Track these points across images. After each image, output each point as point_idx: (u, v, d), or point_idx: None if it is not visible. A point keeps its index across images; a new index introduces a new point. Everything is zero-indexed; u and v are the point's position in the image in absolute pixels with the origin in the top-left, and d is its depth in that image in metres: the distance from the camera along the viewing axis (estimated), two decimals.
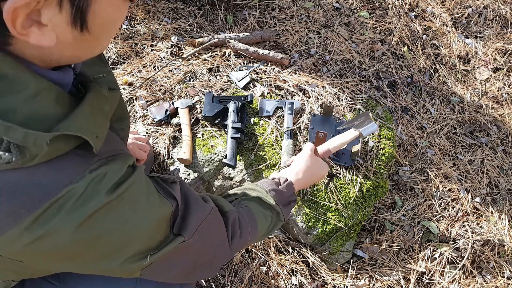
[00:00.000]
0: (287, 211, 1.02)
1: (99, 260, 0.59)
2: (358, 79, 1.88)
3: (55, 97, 0.51)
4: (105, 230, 0.55)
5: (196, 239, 0.68)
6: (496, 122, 2.03)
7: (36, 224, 0.49)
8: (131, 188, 0.56)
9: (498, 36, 2.32)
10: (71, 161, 0.52)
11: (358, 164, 1.53)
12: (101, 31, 0.52)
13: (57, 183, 0.50)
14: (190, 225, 0.67)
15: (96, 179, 0.52)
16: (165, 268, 0.69)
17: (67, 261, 0.58)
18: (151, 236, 0.62)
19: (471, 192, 1.75)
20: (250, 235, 0.88)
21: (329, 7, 2.15)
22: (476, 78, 2.19)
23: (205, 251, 0.75)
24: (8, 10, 0.41)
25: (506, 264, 1.59)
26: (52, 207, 0.50)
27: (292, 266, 1.47)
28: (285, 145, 1.43)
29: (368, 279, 1.50)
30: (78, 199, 0.51)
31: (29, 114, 0.47)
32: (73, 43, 0.51)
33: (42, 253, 0.53)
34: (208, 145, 1.47)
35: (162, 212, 0.63)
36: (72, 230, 0.51)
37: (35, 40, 0.46)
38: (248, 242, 0.89)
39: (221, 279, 1.41)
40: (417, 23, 2.23)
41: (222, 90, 1.64)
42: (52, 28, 0.46)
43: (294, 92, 1.65)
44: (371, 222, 1.67)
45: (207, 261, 0.78)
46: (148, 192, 0.61)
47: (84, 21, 0.49)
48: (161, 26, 1.96)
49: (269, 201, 0.96)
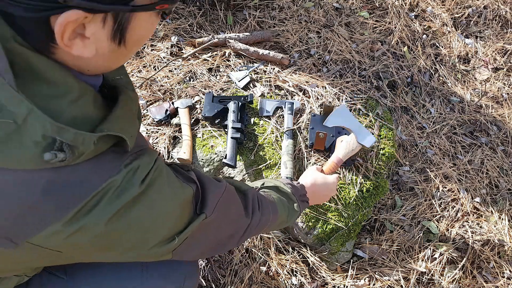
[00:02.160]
0: (302, 205, 1.07)
1: (135, 245, 0.64)
2: (358, 79, 1.88)
3: (93, 100, 0.56)
4: (138, 217, 0.59)
5: (216, 216, 0.73)
6: (496, 122, 2.03)
7: (79, 216, 0.54)
8: (157, 178, 0.61)
9: (498, 36, 2.32)
10: (109, 157, 0.57)
11: (358, 164, 1.53)
12: (134, 44, 0.57)
13: (100, 178, 0.55)
14: (210, 203, 0.72)
15: (131, 172, 0.57)
16: (193, 246, 0.74)
17: (103, 251, 0.62)
18: (178, 219, 0.67)
19: (471, 192, 1.75)
20: (271, 216, 0.93)
21: (329, 7, 2.15)
22: (476, 78, 2.19)
23: (225, 226, 0.80)
24: (60, 23, 0.46)
25: (506, 264, 1.59)
26: (94, 199, 0.54)
27: (292, 266, 1.47)
28: (285, 145, 1.43)
29: (368, 279, 1.50)
30: (115, 190, 0.55)
31: (73, 116, 0.51)
32: (108, 55, 0.55)
33: (82, 244, 0.57)
34: (208, 145, 1.47)
35: (184, 196, 0.67)
36: (109, 219, 0.56)
37: (77, 51, 0.50)
38: (270, 222, 0.94)
39: (221, 279, 1.41)
40: (417, 23, 2.23)
41: (222, 90, 1.64)
42: (94, 41, 0.51)
43: (294, 92, 1.65)
44: (371, 222, 1.67)
45: (228, 236, 0.83)
46: (169, 179, 0.65)
47: (123, 36, 0.54)
48: (161, 26, 1.96)
49: (286, 190, 1.04)
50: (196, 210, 0.70)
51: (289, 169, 1.37)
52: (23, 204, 0.51)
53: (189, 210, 0.69)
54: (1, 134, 0.47)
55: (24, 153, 0.48)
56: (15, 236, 0.53)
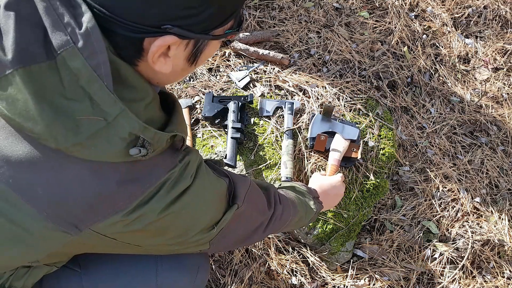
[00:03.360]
0: (317, 205, 1.13)
1: (180, 232, 0.70)
2: (358, 79, 1.88)
3: (159, 104, 0.64)
4: (186, 206, 0.66)
5: (246, 206, 0.79)
6: (496, 122, 2.03)
7: (140, 204, 0.60)
8: (200, 172, 0.69)
9: (498, 36, 2.32)
10: (168, 153, 0.64)
11: (358, 164, 1.53)
12: (200, 64, 0.67)
13: (164, 170, 0.62)
14: (240, 195, 0.78)
15: (184, 166, 0.64)
16: (227, 237, 0.80)
17: (156, 236, 0.68)
18: (216, 209, 0.74)
19: (471, 192, 1.75)
20: (292, 210, 0.99)
21: (329, 7, 2.15)
22: (476, 78, 2.19)
23: (253, 216, 0.86)
24: (159, 45, 0.54)
25: (506, 264, 1.59)
26: (154, 189, 0.60)
27: (292, 266, 1.47)
28: (285, 145, 1.43)
29: (368, 279, 1.50)
30: (171, 181, 0.62)
31: (147, 118, 0.58)
32: (179, 72, 0.65)
33: (136, 230, 0.63)
34: (208, 145, 1.47)
35: (221, 188, 0.75)
36: (165, 207, 0.62)
37: (158, 68, 0.58)
38: (291, 217, 0.99)
39: (221, 279, 1.41)
40: (417, 23, 2.23)
41: (222, 90, 1.64)
42: (173, 60, 0.59)
43: (294, 92, 1.65)
44: (371, 222, 1.67)
45: (256, 226, 0.89)
46: (208, 172, 0.72)
47: (197, 58, 0.63)
48: None
49: (302, 189, 1.11)
50: (229, 201, 0.77)
51: (289, 169, 1.37)
52: (98, 194, 0.57)
53: (225, 202, 0.75)
54: (92, 130, 0.52)
55: (111, 147, 0.54)
56: (81, 222, 0.58)
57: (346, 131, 1.49)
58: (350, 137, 1.48)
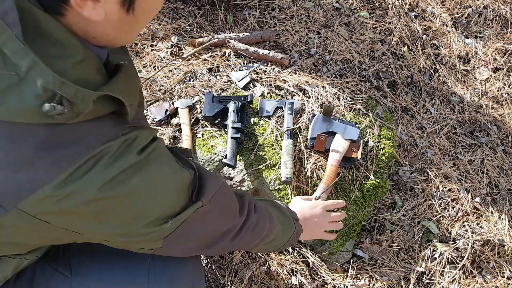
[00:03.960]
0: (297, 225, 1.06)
1: (125, 221, 0.62)
2: (358, 79, 1.88)
3: (96, 67, 0.57)
4: (132, 188, 0.59)
5: (212, 206, 0.73)
6: (496, 122, 2.03)
7: (72, 178, 0.53)
8: (156, 151, 0.62)
9: (498, 36, 2.32)
10: (107, 123, 0.58)
11: (358, 164, 1.53)
12: (142, 16, 0.59)
13: (97, 140, 0.55)
14: (207, 192, 0.71)
15: (128, 141, 0.58)
16: (186, 237, 0.73)
17: (94, 221, 0.60)
18: (173, 201, 0.66)
19: (471, 192, 1.75)
20: (268, 223, 0.93)
21: (329, 7, 2.15)
22: (476, 78, 2.19)
23: (220, 220, 0.79)
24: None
25: (506, 264, 1.59)
26: (90, 162, 0.54)
27: (292, 266, 1.47)
28: (285, 145, 1.43)
29: (368, 279, 1.50)
30: (111, 156, 0.55)
31: (76, 77, 0.52)
32: (116, 23, 0.57)
33: (71, 210, 0.56)
34: (208, 145, 1.47)
35: (182, 179, 0.67)
36: (102, 186, 0.55)
37: (87, 13, 0.52)
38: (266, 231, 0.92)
39: (221, 279, 1.41)
40: (417, 23, 2.23)
41: (222, 90, 1.64)
42: (104, 5, 0.52)
43: (294, 92, 1.65)
44: (371, 222, 1.67)
45: (223, 232, 0.82)
46: (169, 159, 0.66)
47: (132, 3, 0.55)
48: (161, 26, 1.96)
49: (281, 205, 1.05)
50: (192, 197, 0.70)
51: (289, 169, 1.37)
52: (16, 161, 0.51)
53: (185, 195, 0.68)
54: (2, 86, 0.48)
55: (23, 105, 0.48)
56: (4, 199, 0.53)
57: (346, 131, 1.50)
58: (350, 137, 1.48)
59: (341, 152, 1.43)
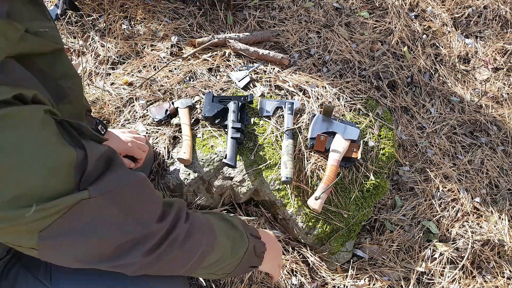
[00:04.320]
0: (253, 240, 0.90)
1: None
2: (358, 79, 1.88)
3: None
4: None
5: (109, 202, 0.61)
6: (496, 122, 2.03)
7: None
8: (21, 116, 0.52)
9: (498, 36, 2.32)
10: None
11: (358, 164, 1.53)
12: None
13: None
14: (103, 183, 0.60)
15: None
16: (72, 237, 0.59)
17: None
18: (41, 181, 0.54)
19: (471, 192, 1.75)
20: (205, 238, 0.77)
21: (329, 7, 2.15)
22: (476, 78, 2.19)
23: (126, 223, 0.64)
24: None
25: (506, 264, 1.59)
26: None
27: (292, 266, 1.47)
28: (285, 145, 1.43)
29: (368, 279, 1.50)
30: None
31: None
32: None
33: None
34: (208, 145, 1.47)
35: (62, 156, 0.56)
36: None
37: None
38: (204, 247, 0.77)
39: (221, 279, 1.42)
40: (417, 23, 2.23)
41: (222, 90, 1.64)
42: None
43: (294, 92, 1.65)
44: (371, 222, 1.67)
45: (131, 239, 0.66)
46: (42, 130, 0.54)
47: None
48: (161, 26, 1.96)
49: (230, 218, 0.89)
50: (79, 184, 0.58)
51: (289, 169, 1.37)
52: None
53: (64, 179, 0.57)
54: None
55: None
56: None
57: (346, 131, 1.50)
58: (350, 137, 1.48)
59: (341, 152, 1.43)
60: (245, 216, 1.48)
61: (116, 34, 1.91)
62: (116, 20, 1.95)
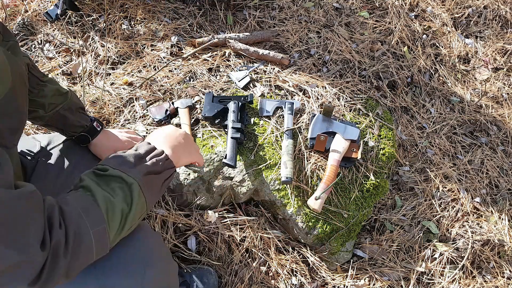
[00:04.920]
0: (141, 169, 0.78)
1: None
2: (358, 79, 1.88)
3: None
4: None
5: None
6: (496, 122, 2.03)
7: None
8: None
9: (498, 36, 2.32)
10: None
11: (358, 164, 1.53)
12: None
13: None
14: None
15: None
16: None
17: None
18: None
19: (471, 192, 1.75)
20: (87, 221, 0.67)
21: (329, 7, 2.15)
22: (476, 78, 2.19)
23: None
24: None
25: (506, 264, 1.59)
26: None
27: (292, 266, 1.47)
28: (285, 145, 1.43)
29: (368, 279, 1.50)
30: None
31: None
32: None
33: None
34: (208, 145, 1.47)
35: None
36: None
37: None
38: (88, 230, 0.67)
39: (221, 279, 1.42)
40: (417, 23, 2.23)
41: (222, 90, 1.64)
42: None
43: (294, 92, 1.65)
44: (371, 222, 1.67)
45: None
46: None
47: None
48: (161, 26, 1.96)
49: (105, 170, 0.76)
50: None
51: (289, 169, 1.37)
52: None
53: None
54: None
55: None
56: None
57: (346, 131, 1.50)
58: (350, 137, 1.48)
59: (341, 152, 1.43)
60: (245, 216, 1.48)
61: (116, 34, 1.91)
62: (116, 20, 1.95)
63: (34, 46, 1.84)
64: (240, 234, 1.43)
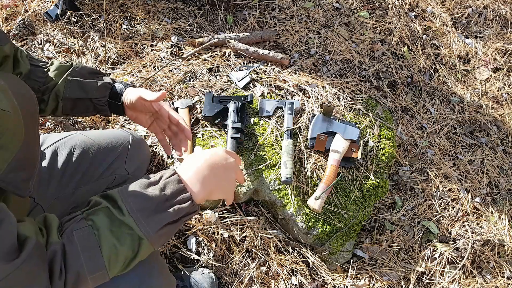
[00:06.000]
0: (159, 220, 0.72)
1: None
2: (358, 79, 1.88)
3: None
4: None
5: None
6: (496, 122, 2.03)
7: None
8: None
9: (498, 36, 2.32)
10: None
11: (358, 164, 1.53)
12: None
13: None
14: None
15: None
16: None
17: None
18: None
19: (471, 192, 1.75)
20: (85, 267, 0.67)
21: (329, 7, 2.15)
22: (476, 78, 2.19)
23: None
24: None
25: (506, 264, 1.59)
26: None
27: (292, 266, 1.47)
28: (285, 145, 1.43)
29: (368, 279, 1.50)
30: None
31: None
32: None
33: None
34: (208, 145, 1.47)
35: None
36: None
37: None
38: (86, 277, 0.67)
39: (221, 279, 1.42)
40: (417, 23, 2.23)
41: (222, 90, 1.64)
42: None
43: (294, 92, 1.65)
44: (371, 222, 1.67)
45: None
46: None
47: None
48: (161, 26, 1.96)
49: (120, 211, 0.71)
50: None
51: (289, 169, 1.37)
52: None
53: None
54: None
55: None
56: None
57: (346, 131, 1.50)
58: (350, 137, 1.48)
59: (341, 152, 1.43)
60: (245, 216, 1.48)
61: (116, 34, 1.91)
62: (116, 20, 1.95)
63: (34, 46, 1.84)
64: (240, 234, 1.43)
